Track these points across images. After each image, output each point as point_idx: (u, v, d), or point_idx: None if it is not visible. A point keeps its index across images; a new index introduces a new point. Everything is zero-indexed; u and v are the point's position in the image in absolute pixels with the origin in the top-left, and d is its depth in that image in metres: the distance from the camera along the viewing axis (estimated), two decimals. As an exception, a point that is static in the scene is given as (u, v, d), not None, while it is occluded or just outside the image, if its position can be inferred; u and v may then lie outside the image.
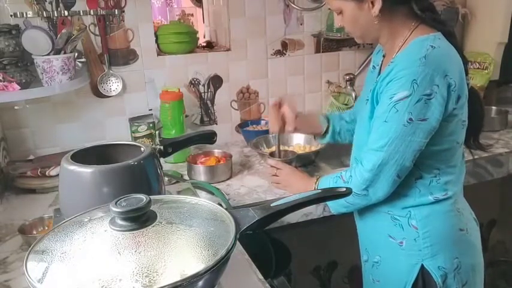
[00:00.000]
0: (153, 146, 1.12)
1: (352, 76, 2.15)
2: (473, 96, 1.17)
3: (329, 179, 1.25)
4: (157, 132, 1.80)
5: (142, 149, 1.03)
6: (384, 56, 1.23)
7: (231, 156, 1.67)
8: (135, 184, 0.96)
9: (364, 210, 1.23)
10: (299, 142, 1.83)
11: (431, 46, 1.04)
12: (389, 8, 1.09)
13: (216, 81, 2.00)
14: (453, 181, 1.16)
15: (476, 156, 1.66)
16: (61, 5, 1.67)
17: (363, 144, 1.17)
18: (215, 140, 1.29)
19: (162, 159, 1.14)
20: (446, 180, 1.15)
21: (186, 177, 1.63)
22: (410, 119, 1.03)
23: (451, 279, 1.14)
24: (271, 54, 2.05)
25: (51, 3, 1.66)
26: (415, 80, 1.01)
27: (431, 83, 1.01)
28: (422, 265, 1.14)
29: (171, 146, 1.16)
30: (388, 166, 1.08)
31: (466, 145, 1.24)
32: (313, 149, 1.73)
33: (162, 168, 1.07)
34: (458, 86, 1.06)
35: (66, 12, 1.68)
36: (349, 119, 1.47)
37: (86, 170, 0.94)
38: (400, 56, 1.09)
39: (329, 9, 1.94)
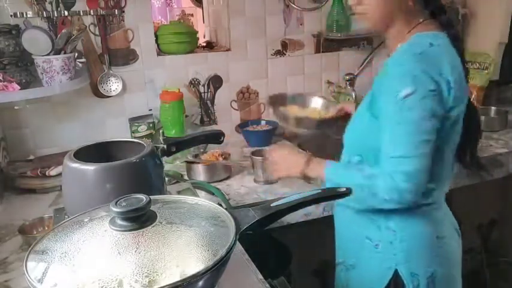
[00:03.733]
0: (156, 144, 1.12)
1: (352, 76, 2.15)
2: (472, 111, 1.14)
3: (345, 170, 1.13)
4: (161, 131, 1.80)
5: (144, 145, 1.03)
6: (388, 56, 1.20)
7: (229, 155, 1.67)
8: (138, 181, 0.97)
9: (343, 210, 1.19)
10: (316, 106, 1.76)
11: (430, 44, 1.03)
12: None
13: (216, 81, 2.00)
14: (437, 189, 1.12)
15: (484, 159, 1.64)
16: (61, 5, 1.67)
17: (355, 134, 1.15)
18: (222, 140, 1.26)
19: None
20: (431, 187, 1.09)
21: (186, 177, 1.63)
22: (425, 117, 0.98)
23: None
24: (271, 54, 2.05)
25: (51, 3, 1.66)
26: (415, 75, 0.98)
27: (432, 79, 0.98)
28: (396, 270, 1.10)
29: (175, 145, 1.15)
30: (420, 172, 1.00)
31: (463, 164, 1.19)
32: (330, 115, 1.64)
33: (163, 167, 1.08)
34: (458, 87, 1.02)
35: (66, 12, 1.68)
36: None
37: (89, 168, 0.94)
38: (400, 50, 1.07)
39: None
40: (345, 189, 0.81)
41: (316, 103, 1.76)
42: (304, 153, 1.21)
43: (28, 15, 1.63)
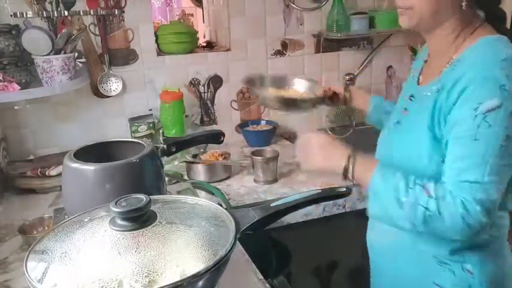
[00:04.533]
0: (156, 144, 1.12)
1: (352, 76, 2.15)
2: None
3: (396, 180, 0.90)
4: (161, 131, 1.80)
5: (144, 145, 1.03)
6: (425, 62, 1.06)
7: (229, 155, 1.67)
8: (138, 181, 0.97)
9: (400, 253, 1.03)
10: (298, 88, 1.45)
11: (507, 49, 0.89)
12: None
13: (216, 81, 2.00)
14: (505, 215, 1.00)
15: None
16: (61, 5, 1.67)
17: (407, 156, 0.98)
18: (222, 140, 1.25)
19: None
20: (501, 214, 0.97)
21: (186, 177, 1.63)
22: (508, 137, 0.82)
23: None
24: (271, 54, 2.05)
25: (51, 3, 1.66)
26: (503, 85, 0.82)
27: None
28: None
29: (175, 145, 1.15)
30: (495, 203, 0.85)
31: None
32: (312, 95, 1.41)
33: (163, 167, 1.08)
34: None
35: (66, 12, 1.68)
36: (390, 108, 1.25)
37: (89, 168, 0.94)
38: (470, 55, 0.91)
39: None
40: (344, 189, 0.82)
41: (300, 85, 1.48)
42: (345, 146, 1.01)
43: (28, 15, 1.63)
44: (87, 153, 1.01)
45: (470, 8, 0.94)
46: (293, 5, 2.00)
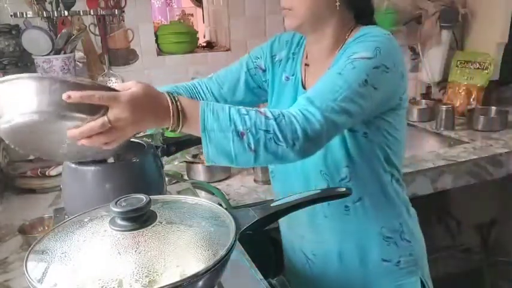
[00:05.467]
0: (156, 144, 1.12)
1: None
2: None
3: (226, 112, 0.82)
4: (160, 131, 1.80)
5: (144, 145, 1.03)
6: (306, 65, 1.07)
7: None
8: (138, 181, 0.97)
9: (346, 239, 1.05)
10: None
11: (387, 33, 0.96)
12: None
13: (216, 81, 1.99)
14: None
15: (475, 156, 1.67)
16: (61, 5, 1.67)
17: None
18: None
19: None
20: (399, 173, 1.06)
21: (186, 177, 1.63)
22: (366, 81, 0.87)
23: None
24: (271, 54, 2.05)
25: (51, 3, 1.66)
26: (378, 47, 0.89)
27: (392, 58, 0.91)
28: (421, 280, 1.04)
29: (175, 145, 1.16)
30: (332, 124, 0.85)
31: None
32: None
33: (163, 167, 1.08)
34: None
35: (66, 12, 1.68)
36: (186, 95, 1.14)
37: (89, 168, 0.94)
38: (364, 30, 0.96)
39: None
40: (344, 189, 0.81)
41: None
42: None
43: (28, 15, 1.63)
44: (87, 153, 1.01)
45: (347, 9, 0.99)
46: (293, 5, 2.00)
